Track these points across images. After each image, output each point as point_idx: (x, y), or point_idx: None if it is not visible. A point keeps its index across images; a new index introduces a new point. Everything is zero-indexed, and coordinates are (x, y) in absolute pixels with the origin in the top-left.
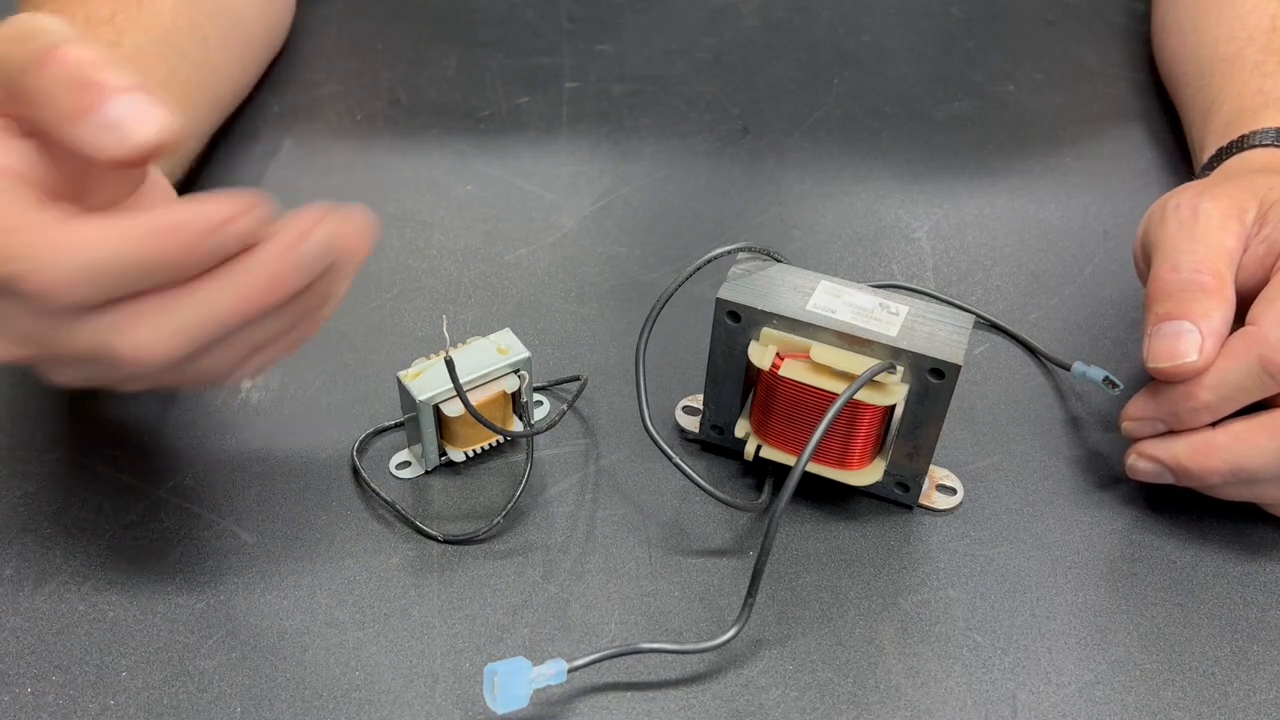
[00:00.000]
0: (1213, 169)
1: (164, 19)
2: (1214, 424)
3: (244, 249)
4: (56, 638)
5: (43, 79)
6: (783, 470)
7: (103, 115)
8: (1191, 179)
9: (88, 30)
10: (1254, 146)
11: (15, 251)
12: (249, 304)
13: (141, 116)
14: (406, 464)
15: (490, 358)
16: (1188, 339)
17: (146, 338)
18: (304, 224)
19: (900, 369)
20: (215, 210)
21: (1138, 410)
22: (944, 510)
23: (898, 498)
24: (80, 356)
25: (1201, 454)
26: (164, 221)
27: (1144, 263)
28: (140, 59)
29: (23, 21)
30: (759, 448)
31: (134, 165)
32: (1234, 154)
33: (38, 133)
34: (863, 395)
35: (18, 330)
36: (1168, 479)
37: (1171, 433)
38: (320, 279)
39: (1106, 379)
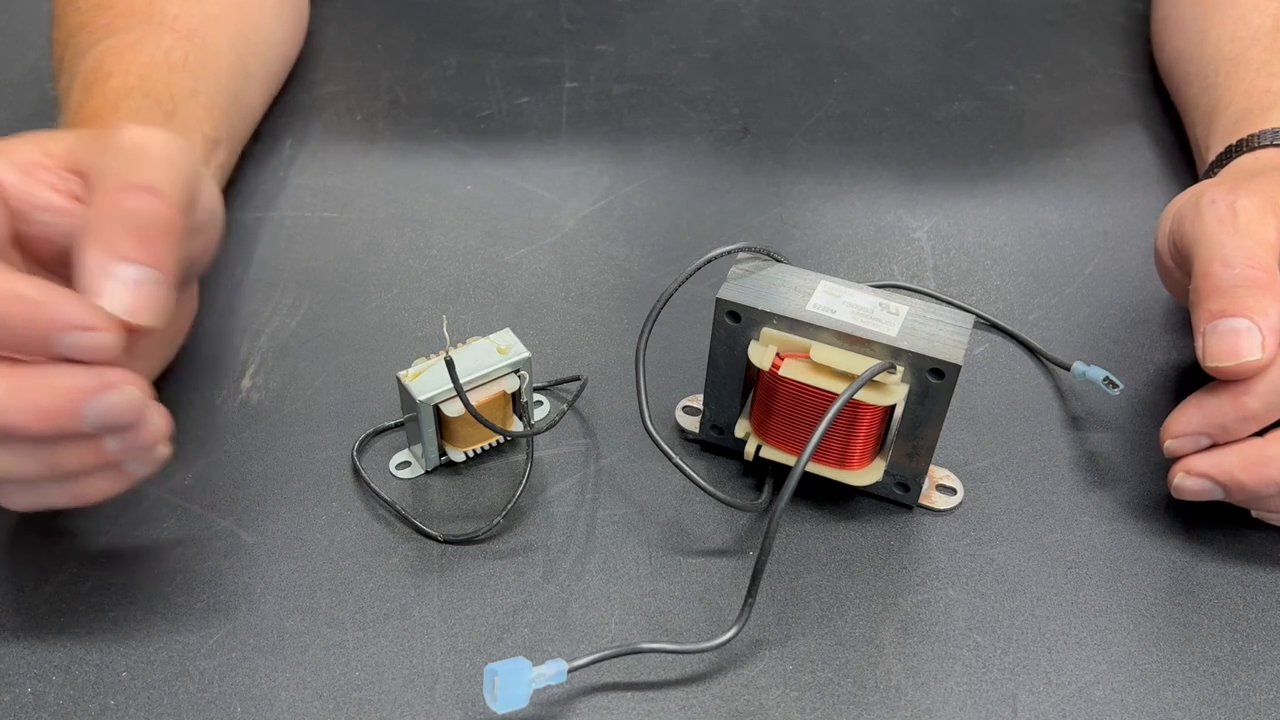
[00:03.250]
0: (1222, 166)
1: (223, 59)
2: (1259, 435)
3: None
4: (56, 638)
5: (117, 198)
6: (783, 470)
7: (119, 267)
8: (1193, 177)
9: (169, 74)
10: (1266, 146)
11: None
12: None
13: (137, 299)
14: (406, 464)
15: (490, 358)
16: (1248, 336)
17: None
18: (115, 375)
19: (900, 369)
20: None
21: (1181, 426)
22: (944, 510)
23: (898, 498)
24: None
25: (1256, 466)
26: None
27: (1173, 259)
28: (213, 110)
29: (145, 143)
30: (759, 448)
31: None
32: (1244, 152)
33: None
34: (863, 395)
35: None
36: (1218, 495)
37: (1215, 446)
38: (100, 443)
39: (1106, 379)
